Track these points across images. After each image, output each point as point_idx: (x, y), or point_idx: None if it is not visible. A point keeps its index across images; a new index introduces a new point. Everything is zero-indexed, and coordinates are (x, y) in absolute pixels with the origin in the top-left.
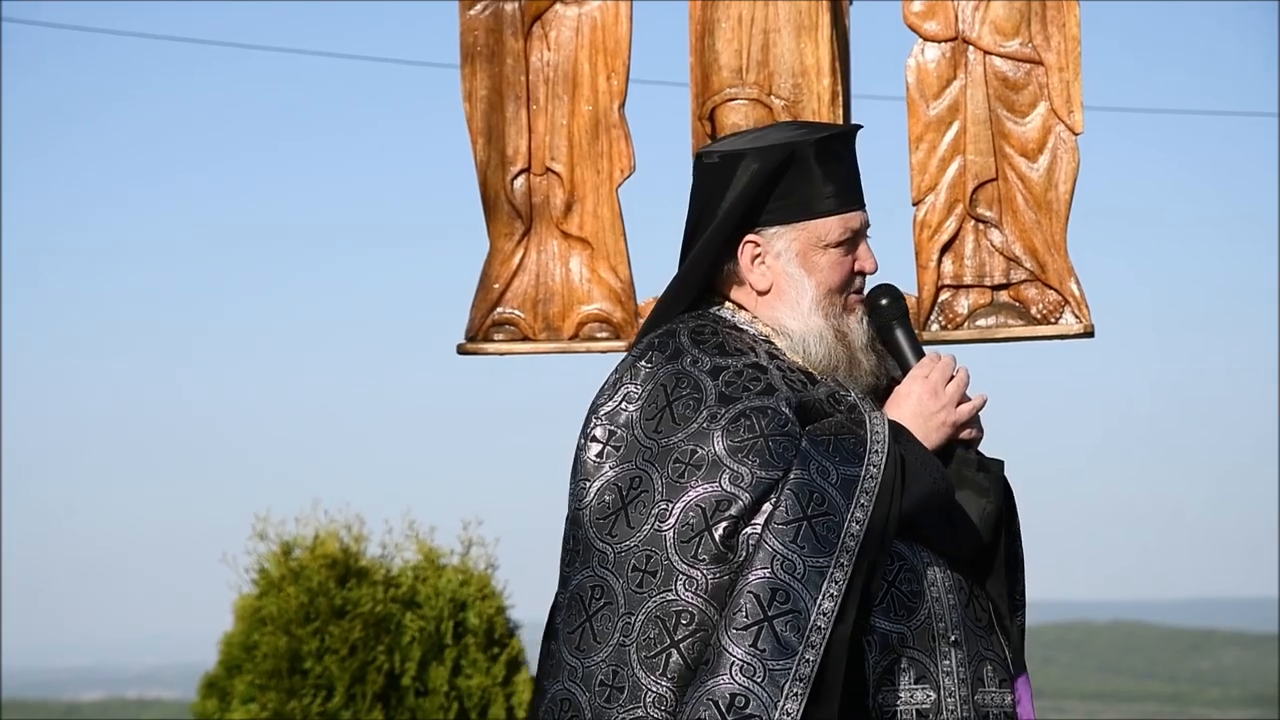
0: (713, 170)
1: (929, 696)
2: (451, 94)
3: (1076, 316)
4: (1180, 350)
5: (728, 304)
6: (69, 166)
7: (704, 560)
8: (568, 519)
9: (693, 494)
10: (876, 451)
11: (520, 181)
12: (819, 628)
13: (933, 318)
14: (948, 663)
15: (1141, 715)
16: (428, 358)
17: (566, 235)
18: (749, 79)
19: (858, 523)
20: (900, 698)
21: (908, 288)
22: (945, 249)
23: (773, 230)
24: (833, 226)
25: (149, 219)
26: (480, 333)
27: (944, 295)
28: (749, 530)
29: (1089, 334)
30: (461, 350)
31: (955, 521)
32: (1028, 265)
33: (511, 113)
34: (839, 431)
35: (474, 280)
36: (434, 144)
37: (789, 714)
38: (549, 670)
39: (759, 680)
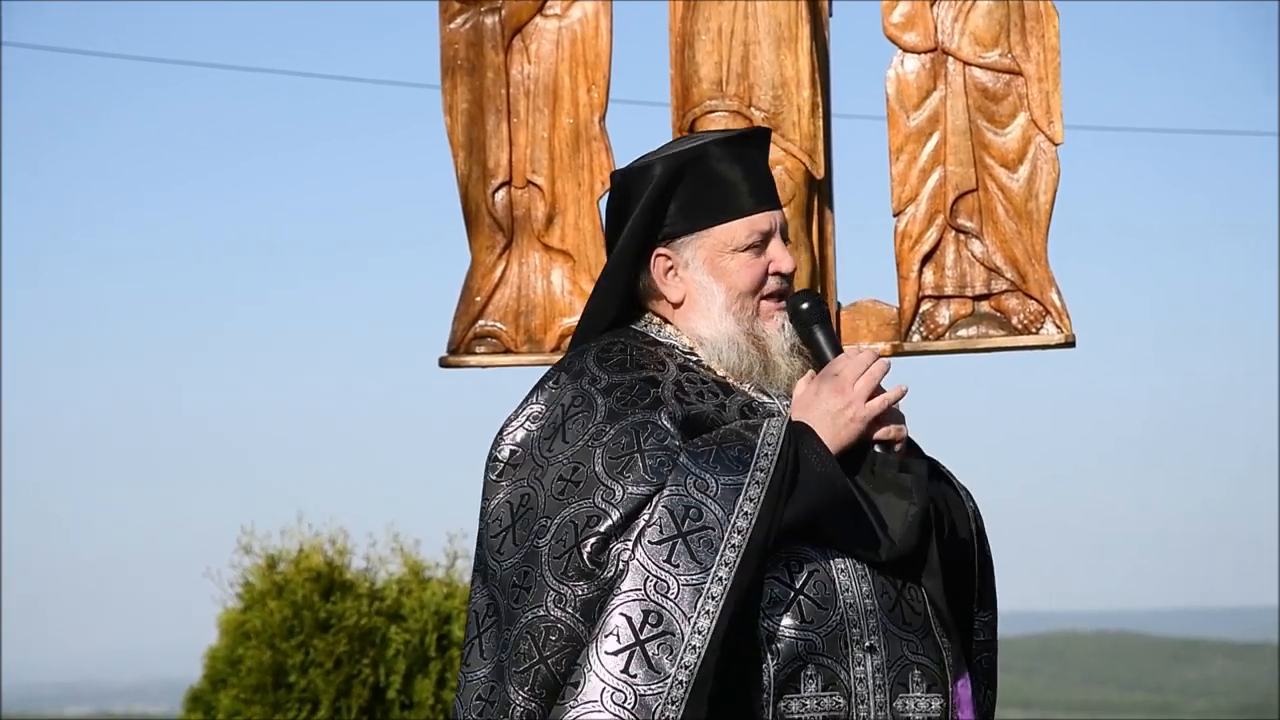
0: (621, 188)
1: (838, 703)
2: (433, 108)
3: (1058, 326)
4: (1171, 361)
5: (654, 319)
6: (65, 179)
7: (572, 576)
8: (477, 541)
9: (568, 510)
10: (765, 456)
11: (501, 194)
12: (694, 646)
13: (914, 328)
14: (861, 669)
15: None
16: (410, 370)
17: (548, 248)
18: (729, 91)
19: (739, 533)
20: (806, 705)
21: (889, 299)
22: (926, 260)
23: (680, 240)
24: (737, 230)
25: (136, 233)
26: (462, 345)
27: (925, 306)
28: (619, 546)
29: (1070, 344)
30: (443, 363)
31: (865, 525)
32: (1009, 275)
33: (492, 126)
34: (724, 441)
35: (456, 293)
36: (416, 158)
37: None
38: (457, 689)
39: (629, 706)
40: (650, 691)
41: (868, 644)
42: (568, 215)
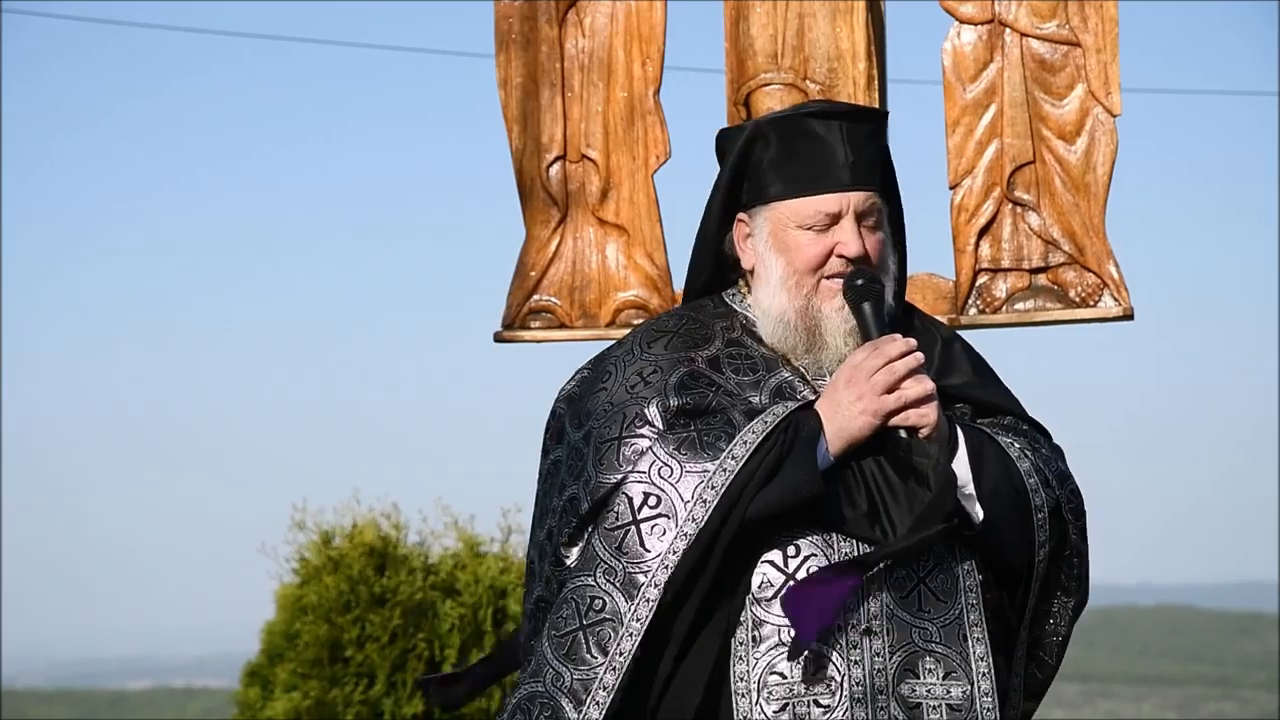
0: (718, 148)
1: (829, 687)
2: (486, 83)
3: (1115, 299)
4: (1224, 328)
5: (742, 286)
6: (108, 156)
7: (551, 561)
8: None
9: (565, 495)
10: (744, 444)
11: (556, 168)
12: (632, 634)
13: (971, 302)
14: (857, 652)
15: (1188, 699)
16: (465, 346)
17: (603, 222)
18: (784, 64)
19: (694, 521)
20: (794, 690)
21: (945, 272)
22: (983, 232)
23: (755, 209)
24: (801, 209)
25: (175, 212)
26: (517, 320)
27: (982, 279)
28: (590, 533)
29: (1128, 317)
30: (498, 338)
31: (858, 515)
32: (1066, 248)
33: (547, 100)
34: (705, 429)
35: (511, 268)
36: (470, 133)
37: None
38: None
39: (564, 688)
40: (585, 677)
41: (864, 627)
42: (622, 189)
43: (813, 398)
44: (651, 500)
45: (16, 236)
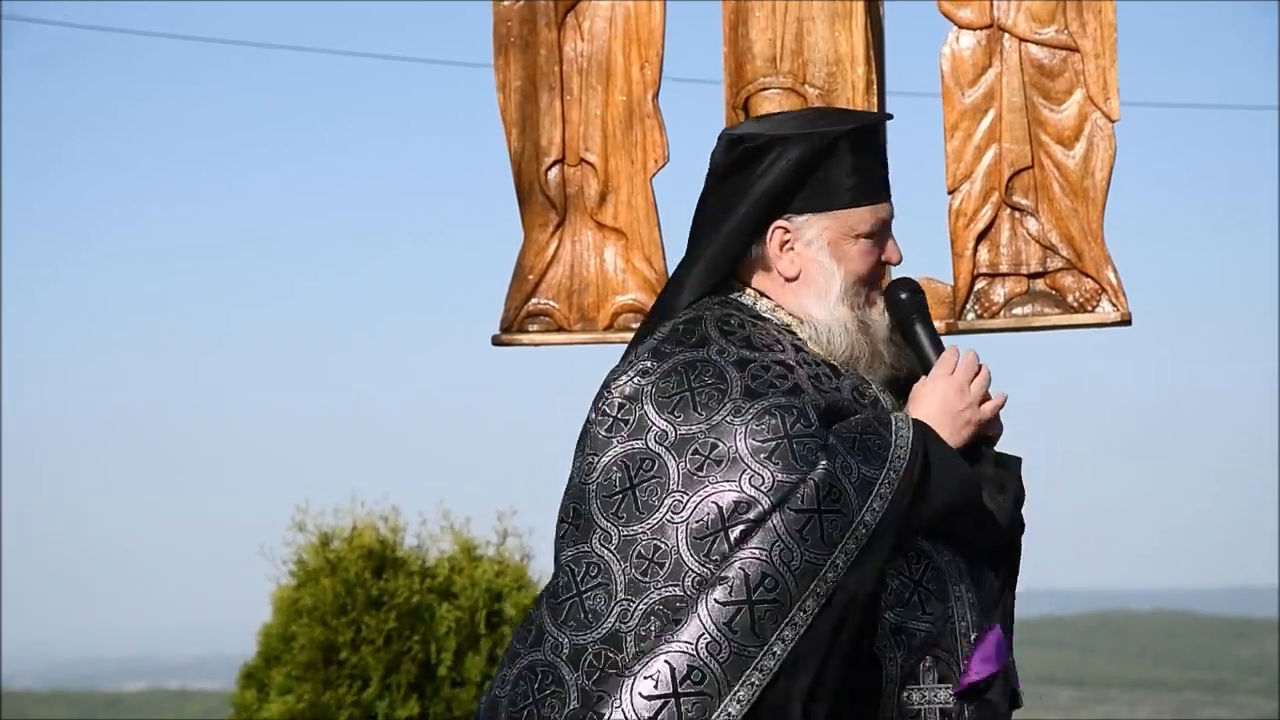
0: (746, 153)
1: (952, 695)
2: (485, 88)
3: (1114, 305)
4: (1222, 334)
5: (750, 291)
6: (107, 161)
7: (715, 560)
8: (568, 493)
9: (710, 490)
10: (899, 457)
11: (554, 172)
12: (795, 624)
13: (969, 306)
14: (969, 661)
15: (1184, 703)
16: (464, 349)
17: (601, 225)
18: (783, 68)
19: (865, 526)
20: (925, 695)
21: (944, 276)
22: (981, 237)
23: (804, 218)
24: (865, 216)
25: (175, 216)
26: (515, 324)
27: (980, 284)
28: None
29: (1126, 322)
30: (496, 341)
31: (981, 520)
32: (1064, 253)
33: (545, 103)
34: (864, 430)
35: (509, 271)
36: (469, 138)
37: (739, 700)
38: (526, 637)
39: (721, 659)
40: (744, 653)
41: (973, 636)
42: (620, 193)
43: (881, 399)
44: (834, 493)
45: (18, 241)
